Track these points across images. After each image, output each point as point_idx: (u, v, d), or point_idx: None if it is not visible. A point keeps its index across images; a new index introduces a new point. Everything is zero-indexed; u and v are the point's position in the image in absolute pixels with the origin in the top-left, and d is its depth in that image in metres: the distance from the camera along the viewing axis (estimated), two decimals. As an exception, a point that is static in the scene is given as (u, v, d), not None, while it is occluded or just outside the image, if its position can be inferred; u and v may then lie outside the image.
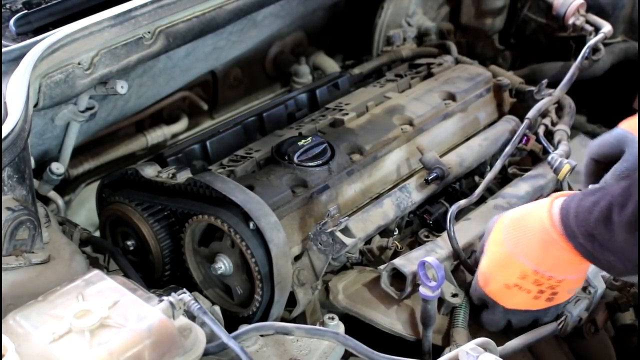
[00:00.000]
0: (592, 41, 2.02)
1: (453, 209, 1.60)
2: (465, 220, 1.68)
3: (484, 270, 1.43)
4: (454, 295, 1.53)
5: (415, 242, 1.71)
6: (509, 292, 1.39)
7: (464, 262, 1.58)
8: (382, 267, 1.55)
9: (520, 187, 1.77)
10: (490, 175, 1.72)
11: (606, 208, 1.15)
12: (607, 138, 1.46)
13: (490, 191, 1.81)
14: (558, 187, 1.79)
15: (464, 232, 1.63)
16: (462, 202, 1.64)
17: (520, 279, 1.36)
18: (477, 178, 1.90)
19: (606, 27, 2.07)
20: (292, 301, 1.56)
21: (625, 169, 1.39)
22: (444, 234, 1.62)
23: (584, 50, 1.98)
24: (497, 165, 1.73)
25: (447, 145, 1.89)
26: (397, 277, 1.53)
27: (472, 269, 1.56)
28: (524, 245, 1.33)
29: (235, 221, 1.48)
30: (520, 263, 1.34)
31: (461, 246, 1.59)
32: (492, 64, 2.31)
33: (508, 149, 1.77)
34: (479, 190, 1.68)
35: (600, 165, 1.46)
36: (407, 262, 1.53)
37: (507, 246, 1.36)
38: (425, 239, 1.68)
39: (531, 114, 1.85)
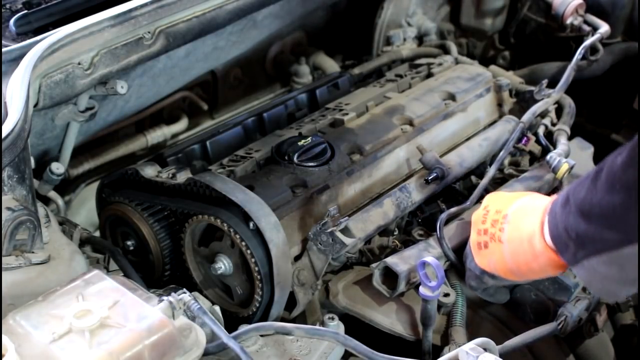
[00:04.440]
0: (587, 42, 2.02)
1: (442, 216, 1.61)
2: (458, 220, 1.68)
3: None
4: (446, 295, 1.53)
5: (409, 241, 1.71)
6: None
7: (455, 265, 1.58)
8: (374, 265, 1.55)
9: (515, 188, 1.76)
10: (484, 181, 1.72)
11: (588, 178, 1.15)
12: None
13: (486, 191, 1.81)
14: (557, 187, 1.79)
15: (456, 232, 1.63)
16: (453, 210, 1.66)
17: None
18: (474, 178, 1.90)
19: (603, 28, 2.07)
20: (292, 301, 1.56)
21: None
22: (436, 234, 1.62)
23: (579, 51, 1.98)
24: (491, 171, 1.74)
25: (447, 145, 1.89)
26: (390, 275, 1.53)
27: (462, 270, 1.57)
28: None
29: (235, 221, 1.48)
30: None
31: (453, 247, 1.59)
32: (492, 64, 2.31)
33: (502, 153, 1.78)
34: (472, 197, 1.69)
35: None
36: (399, 261, 1.53)
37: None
38: (419, 238, 1.68)
39: (525, 117, 1.86)
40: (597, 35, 2.05)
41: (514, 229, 1.34)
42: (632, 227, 1.09)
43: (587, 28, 2.10)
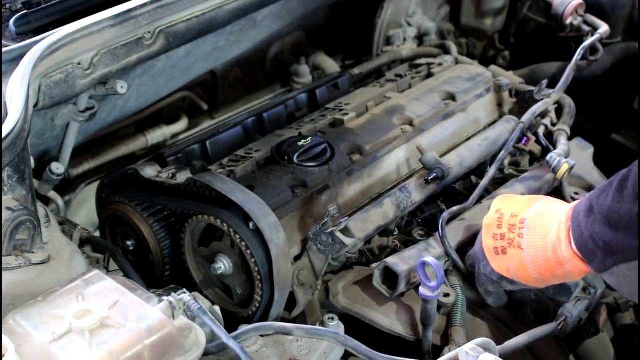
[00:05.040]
0: (587, 42, 2.02)
1: (444, 216, 1.61)
2: (459, 220, 1.68)
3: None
4: (446, 295, 1.53)
5: (409, 241, 1.71)
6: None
7: (456, 265, 1.58)
8: (374, 265, 1.55)
9: (515, 188, 1.76)
10: (484, 181, 1.72)
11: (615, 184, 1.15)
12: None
13: (486, 191, 1.81)
14: (557, 187, 1.79)
15: (457, 232, 1.63)
16: (455, 209, 1.66)
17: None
18: (474, 179, 1.90)
19: (603, 28, 2.07)
20: (292, 301, 1.56)
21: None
22: (437, 233, 1.62)
23: (579, 52, 1.98)
24: (491, 171, 1.74)
25: (447, 145, 1.89)
26: (390, 275, 1.53)
27: (465, 270, 1.57)
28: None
29: (235, 221, 1.48)
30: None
31: (454, 246, 1.59)
32: (492, 64, 2.31)
33: (502, 154, 1.78)
34: (473, 197, 1.69)
35: None
36: (399, 261, 1.53)
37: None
38: (420, 238, 1.68)
39: (525, 117, 1.86)
40: (597, 36, 2.05)
41: (535, 235, 1.33)
42: None
43: (587, 28, 2.10)
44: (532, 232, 1.34)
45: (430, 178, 1.71)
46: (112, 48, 1.54)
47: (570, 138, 1.92)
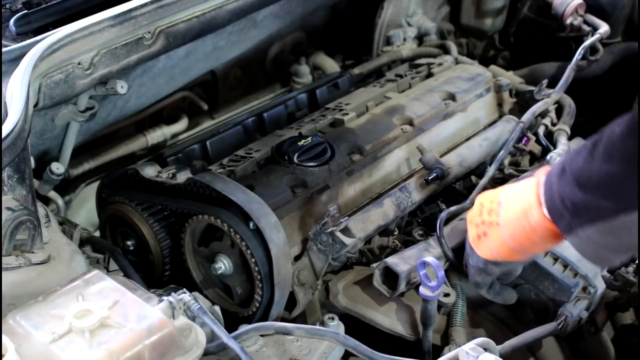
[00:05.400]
0: (587, 42, 2.02)
1: (442, 215, 1.61)
2: (458, 220, 1.68)
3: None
4: (446, 295, 1.53)
5: (409, 241, 1.71)
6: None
7: (454, 265, 1.58)
8: (374, 265, 1.55)
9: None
10: (483, 181, 1.73)
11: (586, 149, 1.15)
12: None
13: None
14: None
15: (456, 232, 1.63)
16: (453, 209, 1.66)
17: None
18: (474, 178, 1.90)
19: (603, 28, 2.07)
20: (292, 301, 1.56)
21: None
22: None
23: (579, 51, 1.99)
24: (491, 171, 1.74)
25: (447, 145, 1.89)
26: (390, 275, 1.53)
27: (463, 270, 1.57)
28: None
29: (235, 221, 1.48)
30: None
31: (453, 246, 1.59)
32: (492, 64, 2.31)
33: (502, 153, 1.78)
34: (472, 196, 1.69)
35: None
36: (399, 261, 1.53)
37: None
38: (419, 238, 1.68)
39: (525, 117, 1.86)
40: (597, 35, 2.05)
41: (509, 209, 1.35)
42: (628, 196, 1.09)
43: (587, 28, 2.11)
44: (506, 207, 1.35)
45: (430, 178, 1.71)
46: (112, 48, 1.54)
47: (570, 138, 1.92)
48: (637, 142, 1.07)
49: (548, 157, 1.74)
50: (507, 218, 1.34)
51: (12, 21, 1.65)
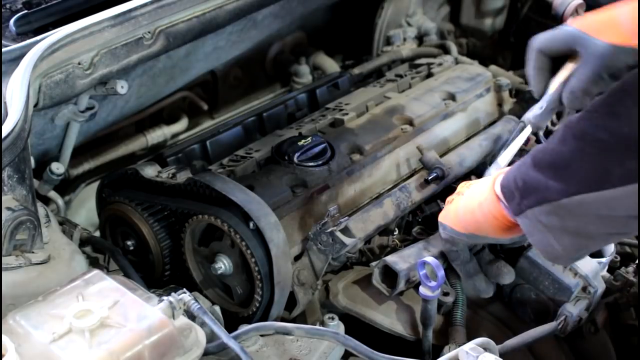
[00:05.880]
0: None
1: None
2: None
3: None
4: (445, 294, 1.53)
5: (409, 240, 1.71)
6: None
7: (450, 264, 1.58)
8: (373, 263, 1.55)
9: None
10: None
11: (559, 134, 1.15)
12: (558, 34, 1.37)
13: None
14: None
15: None
16: None
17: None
18: (474, 178, 1.90)
19: None
20: (292, 301, 1.56)
21: (591, 72, 1.30)
22: (437, 232, 1.62)
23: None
24: (491, 171, 1.73)
25: (447, 145, 1.89)
26: (390, 274, 1.53)
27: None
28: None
29: (235, 221, 1.48)
30: None
31: None
32: (492, 64, 2.31)
33: (502, 153, 1.77)
34: None
35: (549, 61, 1.40)
36: (398, 259, 1.53)
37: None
38: (419, 237, 1.68)
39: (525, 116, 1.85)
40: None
41: (479, 182, 1.38)
42: (573, 179, 1.09)
43: (587, 28, 2.10)
44: (477, 184, 1.38)
45: (430, 178, 1.71)
46: (112, 48, 1.54)
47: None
48: (591, 123, 1.06)
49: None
50: (471, 191, 1.38)
51: (12, 21, 1.65)
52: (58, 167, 1.68)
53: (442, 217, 1.46)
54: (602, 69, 1.30)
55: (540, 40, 1.40)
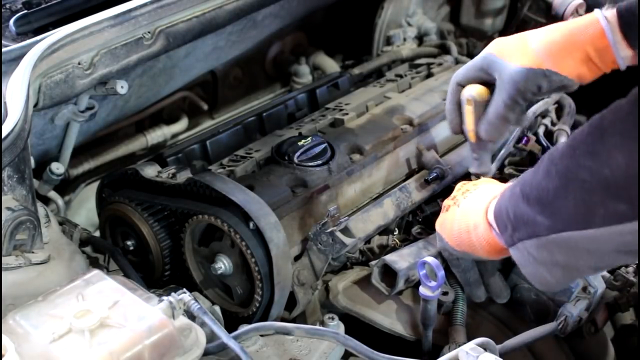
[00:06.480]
0: None
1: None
2: None
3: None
4: (445, 294, 1.53)
5: (408, 240, 1.71)
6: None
7: (448, 264, 1.58)
8: (373, 262, 1.55)
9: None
10: None
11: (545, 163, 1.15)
12: (474, 61, 1.39)
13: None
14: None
15: None
16: None
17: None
18: (473, 178, 1.90)
19: None
20: (292, 301, 1.56)
21: (507, 97, 1.32)
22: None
23: None
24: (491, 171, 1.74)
25: (447, 145, 1.89)
26: (389, 273, 1.53)
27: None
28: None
29: (235, 221, 1.48)
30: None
31: None
32: (492, 64, 2.31)
33: (502, 153, 1.78)
34: None
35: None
36: (398, 259, 1.53)
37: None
38: (418, 236, 1.68)
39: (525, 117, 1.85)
40: (596, 36, 2.05)
41: (474, 198, 1.35)
42: (559, 216, 1.09)
43: (587, 28, 2.10)
44: (474, 195, 1.36)
45: (430, 178, 1.71)
46: (112, 48, 1.54)
47: (570, 138, 1.92)
48: (573, 161, 1.07)
49: (548, 156, 1.74)
50: (467, 205, 1.36)
51: (12, 21, 1.65)
52: (58, 167, 1.68)
53: (438, 226, 1.44)
54: (516, 92, 1.32)
55: (458, 72, 1.43)
